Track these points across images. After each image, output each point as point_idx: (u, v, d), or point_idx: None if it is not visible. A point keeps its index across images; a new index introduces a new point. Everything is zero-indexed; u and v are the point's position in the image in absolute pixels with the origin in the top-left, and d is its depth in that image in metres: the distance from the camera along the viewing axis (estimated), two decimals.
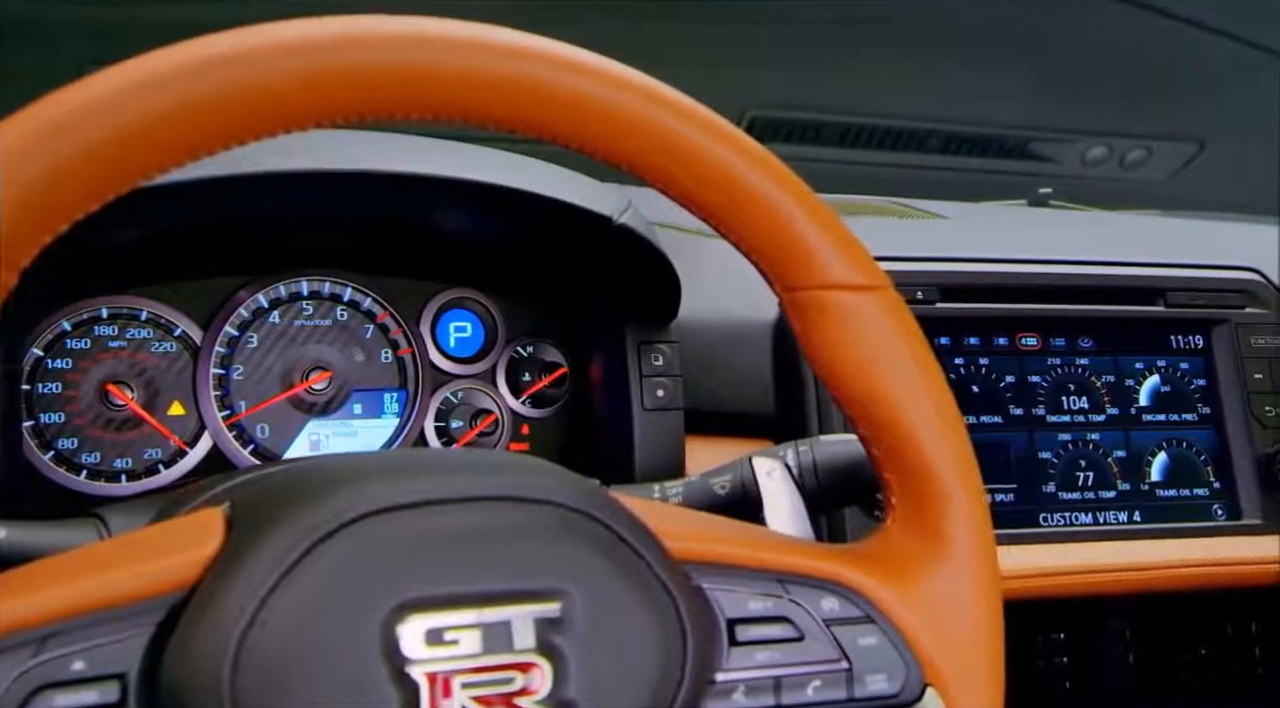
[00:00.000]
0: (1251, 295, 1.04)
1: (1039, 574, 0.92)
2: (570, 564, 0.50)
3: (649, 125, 0.54)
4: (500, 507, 0.50)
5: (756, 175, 0.57)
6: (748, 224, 0.57)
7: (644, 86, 0.55)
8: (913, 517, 0.60)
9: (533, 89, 0.51)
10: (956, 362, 0.96)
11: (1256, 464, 0.99)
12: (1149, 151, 2.09)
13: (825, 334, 0.58)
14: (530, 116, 0.52)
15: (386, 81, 0.48)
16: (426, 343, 0.99)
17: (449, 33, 0.49)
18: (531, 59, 0.51)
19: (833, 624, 0.57)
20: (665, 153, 0.55)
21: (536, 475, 0.53)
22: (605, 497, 0.54)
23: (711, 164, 0.56)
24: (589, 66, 0.53)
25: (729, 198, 0.57)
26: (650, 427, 0.91)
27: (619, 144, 0.55)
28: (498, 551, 0.49)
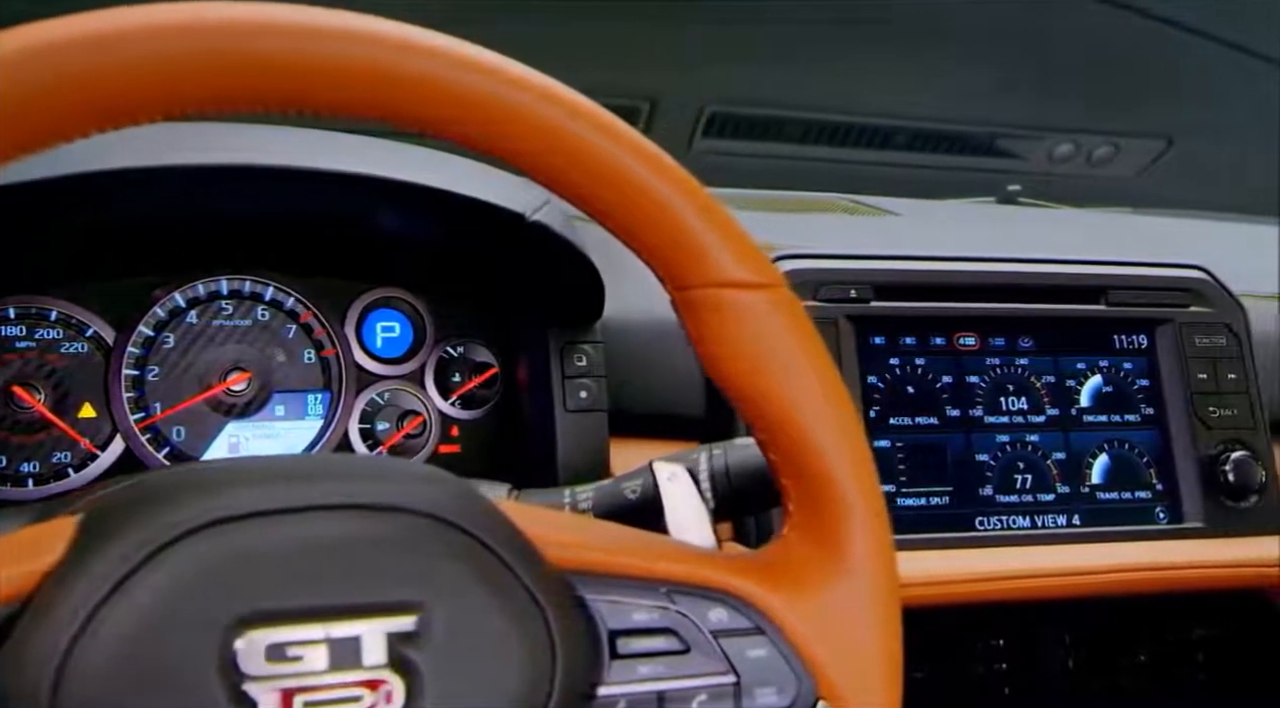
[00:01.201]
0: (1196, 294, 1.02)
1: (975, 579, 0.89)
2: (428, 576, 0.48)
3: (538, 121, 0.52)
4: (355, 516, 0.48)
5: (646, 172, 0.55)
6: (638, 222, 0.55)
7: (535, 82, 0.52)
8: (809, 524, 0.58)
9: (419, 83, 0.49)
10: (892, 362, 0.94)
11: (1199, 466, 0.97)
12: (1116, 148, 2.07)
13: (717, 334, 0.56)
14: (414, 111, 0.50)
15: (260, 71, 0.46)
16: (351, 343, 0.97)
17: (316, 22, 0.47)
18: (420, 54, 0.49)
19: (720, 636, 0.55)
20: (554, 149, 0.53)
21: (403, 483, 0.51)
22: (478, 504, 0.52)
23: (601, 161, 0.54)
24: (480, 63, 0.51)
25: (619, 195, 0.55)
26: (572, 429, 0.88)
27: (506, 139, 0.53)
28: (350, 562, 0.47)
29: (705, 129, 1.85)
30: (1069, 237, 1.51)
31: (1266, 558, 0.95)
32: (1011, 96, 1.97)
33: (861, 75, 1.86)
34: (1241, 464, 0.96)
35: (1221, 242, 1.68)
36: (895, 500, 0.91)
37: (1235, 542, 0.96)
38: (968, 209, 1.61)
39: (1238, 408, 1.00)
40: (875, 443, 0.92)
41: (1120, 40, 1.87)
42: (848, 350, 0.92)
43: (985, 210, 1.64)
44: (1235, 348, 1.01)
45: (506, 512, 0.55)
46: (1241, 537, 0.97)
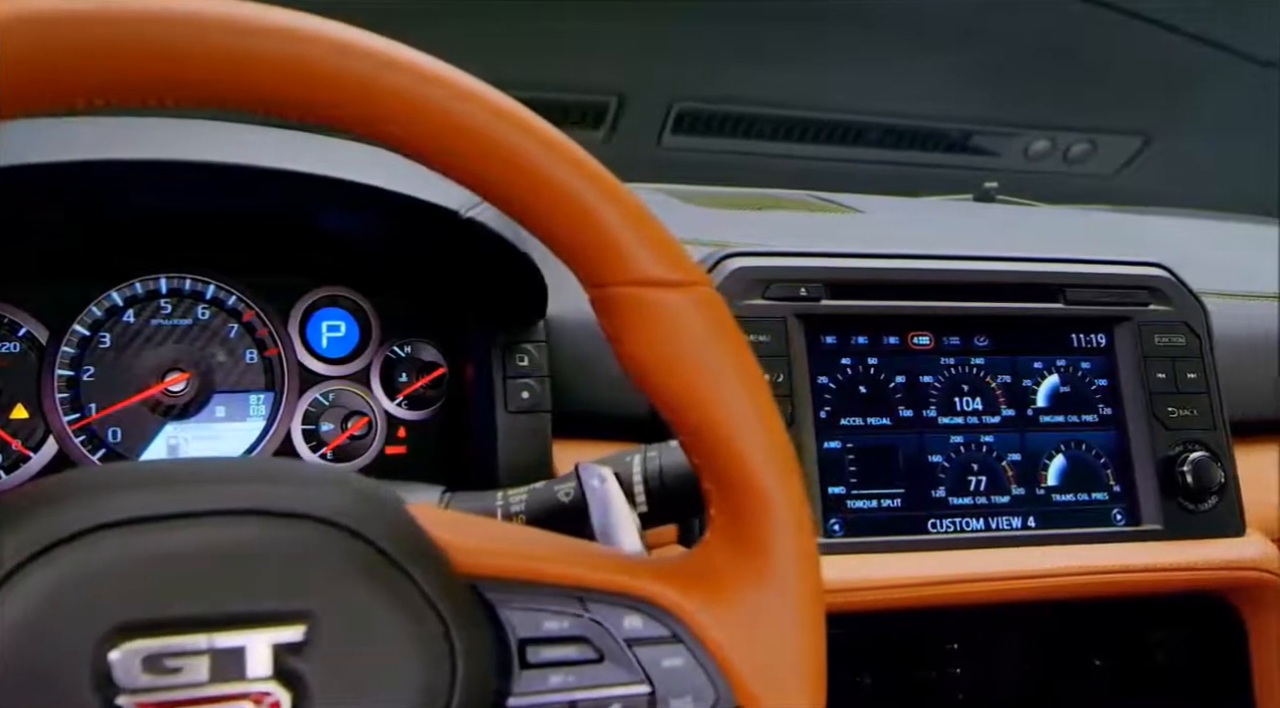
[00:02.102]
0: (1156, 292, 1.01)
1: (927, 583, 0.88)
2: (319, 584, 0.46)
3: (451, 117, 0.50)
4: (246, 521, 0.47)
5: (559, 166, 0.53)
6: (552, 218, 0.54)
7: (446, 77, 0.51)
8: (731, 529, 0.57)
9: (328, 75, 0.47)
10: (843, 361, 0.92)
11: (1157, 468, 0.96)
12: (1093, 146, 2.06)
13: (636, 334, 0.55)
14: (322, 103, 0.48)
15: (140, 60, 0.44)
16: (295, 342, 0.95)
17: (224, 12, 0.46)
18: (332, 47, 0.48)
19: (635, 644, 0.53)
20: (468, 146, 0.51)
21: (300, 487, 0.49)
22: (381, 510, 0.51)
23: (511, 155, 0.52)
24: (389, 56, 0.49)
25: (533, 192, 0.53)
26: (514, 430, 0.87)
27: (418, 136, 0.51)
28: (237, 569, 0.45)
29: (675, 126, 1.84)
30: (1039, 234, 1.50)
31: (1225, 560, 0.94)
32: (985, 93, 1.95)
33: (833, 71, 1.85)
34: (1200, 465, 0.95)
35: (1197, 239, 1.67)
36: (845, 502, 0.90)
37: (1193, 544, 0.95)
38: (936, 206, 1.59)
39: (1197, 408, 0.98)
40: (825, 444, 0.90)
41: (1095, 37, 1.85)
42: (797, 350, 0.90)
43: (956, 208, 1.62)
44: (1195, 347, 1.00)
45: (417, 517, 0.53)
46: (1200, 539, 0.95)
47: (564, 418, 0.91)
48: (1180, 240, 1.51)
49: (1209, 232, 1.72)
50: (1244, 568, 0.94)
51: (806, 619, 0.56)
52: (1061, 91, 1.97)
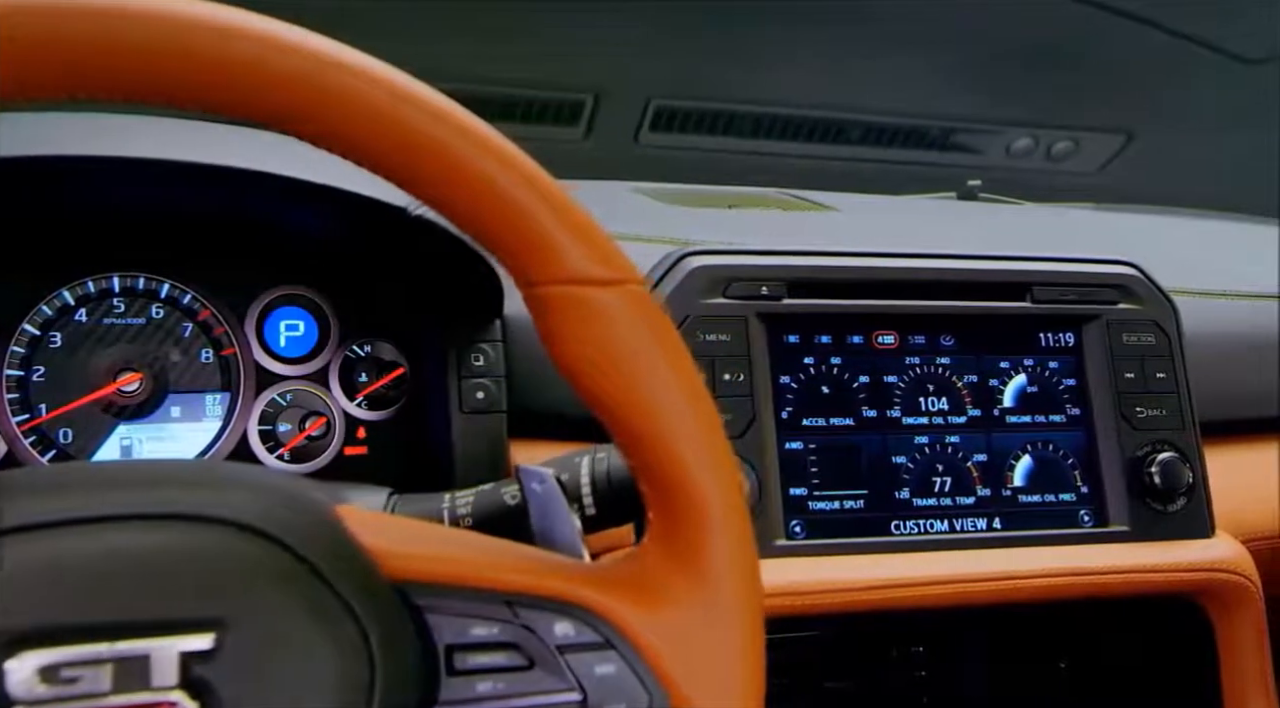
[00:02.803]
0: (1126, 291, 0.99)
1: (890, 585, 0.87)
2: (232, 591, 0.45)
3: (373, 109, 0.49)
4: (158, 526, 0.45)
5: (487, 163, 0.52)
6: (482, 215, 0.52)
7: (366, 68, 0.50)
8: (667, 533, 0.56)
9: (241, 67, 0.46)
10: (806, 361, 0.91)
11: (1125, 468, 0.95)
12: (1075, 143, 2.05)
13: (567, 333, 0.53)
14: (235, 96, 0.47)
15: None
16: (251, 342, 0.94)
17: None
18: (239, 37, 0.46)
19: (566, 651, 0.52)
20: (391, 142, 0.50)
21: (218, 491, 0.48)
22: (302, 514, 0.49)
23: (438, 150, 0.51)
24: (301, 46, 0.48)
25: (459, 188, 0.52)
26: (469, 430, 0.86)
27: (338, 128, 0.50)
28: (144, 576, 0.44)
29: (653, 123, 1.83)
30: (1016, 231, 1.49)
31: (1193, 562, 0.93)
32: (967, 90, 1.94)
33: (812, 69, 1.83)
34: (1168, 466, 0.94)
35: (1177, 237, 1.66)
36: (807, 504, 0.88)
37: (1161, 546, 0.94)
38: (914, 204, 1.58)
39: (1166, 408, 0.97)
40: (787, 445, 0.89)
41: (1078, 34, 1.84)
42: (758, 349, 0.89)
43: (934, 206, 1.61)
44: (1164, 346, 0.99)
45: (347, 522, 0.52)
46: (1168, 541, 0.94)
47: (523, 418, 0.90)
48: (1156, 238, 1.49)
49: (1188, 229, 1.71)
50: (1212, 570, 0.93)
51: (744, 624, 0.55)
52: (1044, 89, 1.96)
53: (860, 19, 1.76)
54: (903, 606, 0.87)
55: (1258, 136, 2.03)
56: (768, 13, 1.68)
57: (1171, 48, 1.91)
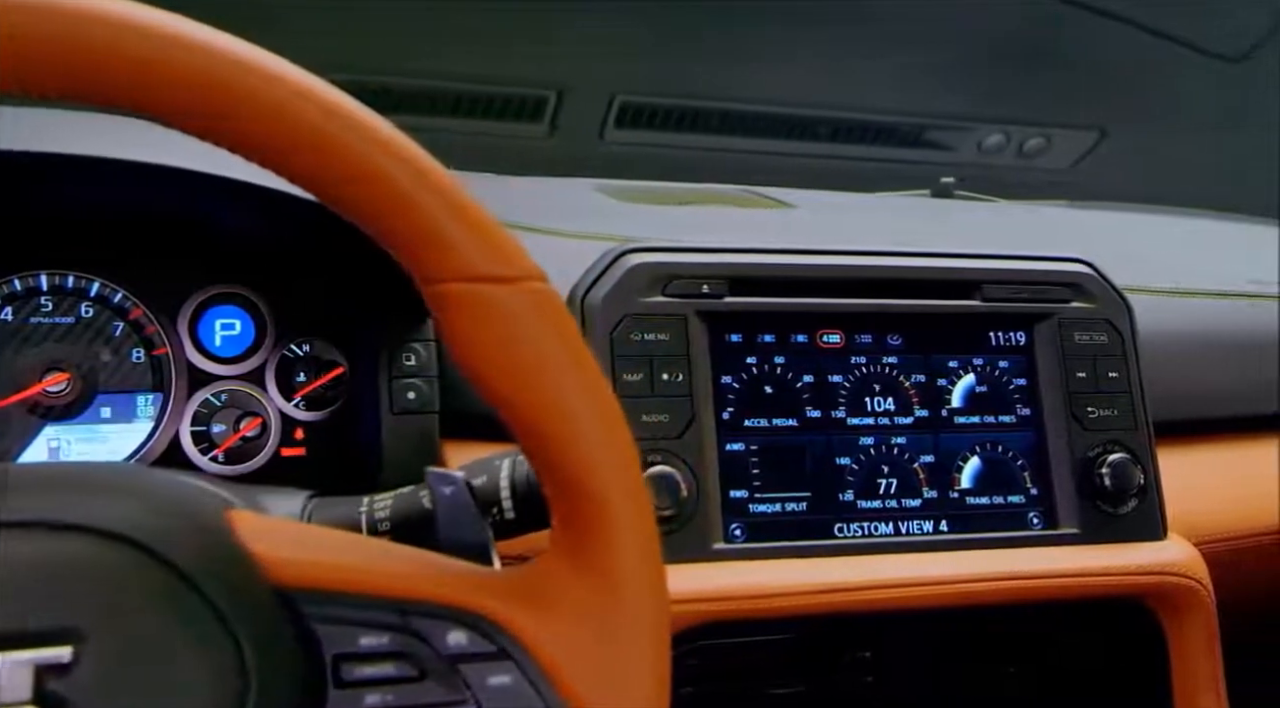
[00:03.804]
0: (1078, 289, 0.98)
1: (833, 589, 0.85)
2: (93, 602, 0.43)
3: (262, 106, 0.47)
4: (20, 535, 0.44)
5: (379, 156, 0.50)
6: (378, 212, 0.51)
7: (258, 63, 0.48)
8: (570, 538, 0.54)
9: (133, 62, 0.45)
10: (748, 360, 0.89)
11: (1076, 469, 0.93)
12: (1048, 140, 2.03)
13: (466, 331, 0.52)
14: (129, 91, 0.46)
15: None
16: (184, 341, 0.92)
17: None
18: (134, 30, 0.45)
19: (460, 661, 0.51)
20: (283, 138, 0.48)
21: (88, 497, 0.47)
22: (175, 521, 0.48)
23: (325, 143, 0.49)
24: (196, 42, 0.46)
25: (355, 185, 0.50)
26: (399, 431, 0.84)
27: (228, 126, 0.48)
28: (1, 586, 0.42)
29: (618, 120, 1.81)
30: (982, 229, 1.47)
31: (1143, 565, 0.91)
32: (938, 87, 1.92)
33: (780, 65, 1.81)
34: (1119, 467, 0.92)
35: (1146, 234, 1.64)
36: (748, 507, 0.87)
37: (1112, 548, 0.92)
38: (881, 202, 1.56)
39: (1118, 408, 0.95)
40: (727, 446, 0.87)
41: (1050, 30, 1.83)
42: (699, 349, 0.87)
43: (902, 203, 1.60)
44: (1117, 345, 0.97)
45: (237, 527, 0.51)
46: (1119, 543, 0.92)
47: (460, 418, 0.88)
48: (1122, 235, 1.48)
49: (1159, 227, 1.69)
50: (1163, 573, 0.91)
51: (647, 632, 0.53)
52: (1015, 85, 1.95)
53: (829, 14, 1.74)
54: (845, 610, 0.85)
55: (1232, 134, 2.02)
56: (735, 8, 1.67)
57: (1145, 44, 1.89)
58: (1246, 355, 1.15)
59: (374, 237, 0.51)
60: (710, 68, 1.81)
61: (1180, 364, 1.11)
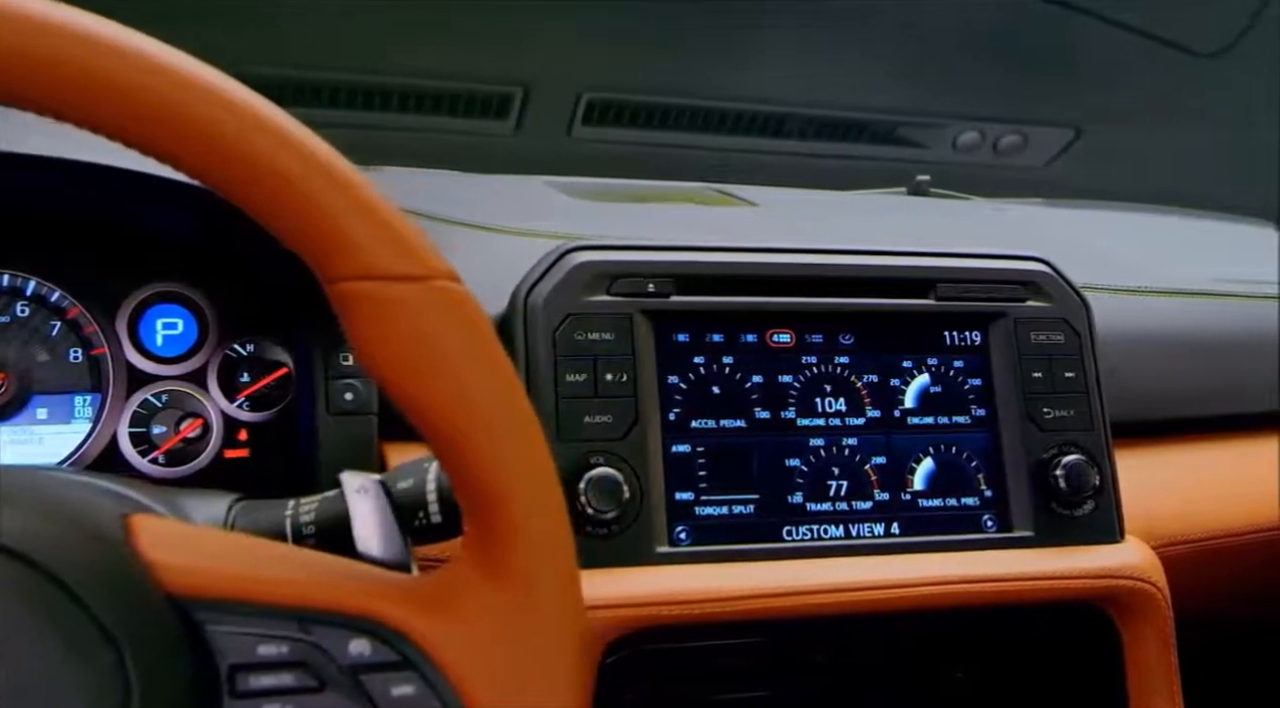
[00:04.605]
0: (1035, 288, 0.96)
1: (780, 594, 0.83)
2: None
3: (150, 96, 0.46)
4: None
5: (277, 151, 0.48)
6: (277, 208, 0.49)
7: (141, 50, 0.46)
8: (480, 544, 0.52)
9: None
10: (695, 360, 0.88)
11: (1031, 471, 0.92)
12: (1023, 138, 2.02)
13: (369, 331, 0.50)
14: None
15: None
16: (123, 341, 0.90)
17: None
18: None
19: (362, 671, 0.49)
20: (178, 130, 0.47)
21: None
22: (68, 528, 0.46)
23: (230, 140, 0.48)
24: (84, 33, 0.45)
25: (253, 178, 0.48)
26: (335, 433, 0.82)
27: (114, 116, 0.46)
28: None
29: (585, 117, 1.79)
30: (952, 227, 1.46)
31: (1097, 569, 0.90)
32: (910, 83, 1.91)
33: (750, 60, 1.80)
34: (1074, 468, 0.91)
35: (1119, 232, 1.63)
36: (694, 509, 0.85)
37: (1066, 551, 0.90)
38: (847, 200, 1.55)
39: (1074, 409, 0.94)
40: (674, 448, 0.86)
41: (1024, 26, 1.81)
42: (644, 348, 0.86)
43: (871, 202, 1.58)
44: (1074, 345, 0.96)
45: (136, 533, 0.49)
46: (1074, 546, 0.91)
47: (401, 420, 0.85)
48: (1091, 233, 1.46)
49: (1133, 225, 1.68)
50: (1117, 576, 0.90)
51: (558, 640, 0.52)
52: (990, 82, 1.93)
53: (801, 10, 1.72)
54: (793, 615, 0.84)
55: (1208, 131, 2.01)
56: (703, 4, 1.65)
57: (1120, 41, 1.88)
58: (1211, 355, 1.13)
59: (274, 234, 0.50)
60: (680, 64, 1.79)
61: (1144, 364, 1.09)
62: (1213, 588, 1.02)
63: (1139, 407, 1.05)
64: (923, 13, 1.78)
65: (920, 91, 1.93)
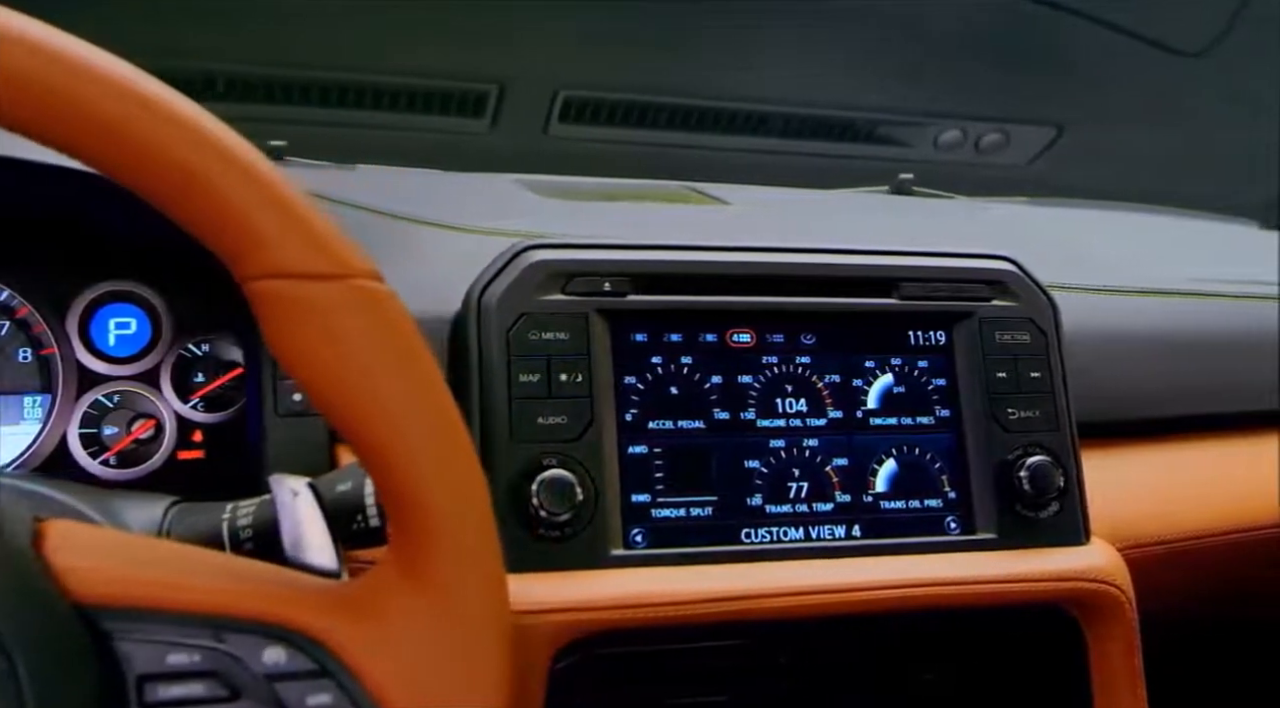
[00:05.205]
0: (1000, 287, 0.95)
1: (737, 597, 0.82)
2: None
3: (53, 89, 0.45)
4: None
5: (192, 147, 0.47)
6: (189, 204, 0.48)
7: (48, 46, 0.45)
8: (403, 550, 0.51)
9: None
10: (653, 360, 0.86)
11: (995, 472, 0.90)
12: (1005, 136, 2.00)
13: (285, 332, 0.49)
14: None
15: None
16: (74, 340, 0.89)
17: None
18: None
19: (277, 680, 0.48)
20: (83, 124, 0.46)
21: None
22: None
23: (139, 134, 0.46)
24: None
25: (162, 172, 0.47)
26: (284, 435, 0.81)
27: (18, 109, 0.45)
28: None
29: (562, 114, 1.78)
30: (928, 226, 1.45)
31: (1061, 571, 0.89)
32: (893, 81, 1.89)
33: (728, 58, 1.78)
34: (1038, 469, 0.89)
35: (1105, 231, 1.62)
36: (650, 512, 0.84)
37: (1030, 554, 0.89)
38: (824, 199, 1.53)
39: (1040, 409, 0.93)
40: (630, 449, 0.84)
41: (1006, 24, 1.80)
42: (600, 349, 0.84)
43: (851, 201, 1.57)
44: (1040, 345, 0.94)
45: (47, 538, 0.48)
46: (1038, 548, 0.90)
47: None
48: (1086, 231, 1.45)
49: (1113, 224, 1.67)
50: (1082, 579, 0.89)
51: (481, 647, 0.50)
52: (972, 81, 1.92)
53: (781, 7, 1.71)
54: (752, 618, 0.83)
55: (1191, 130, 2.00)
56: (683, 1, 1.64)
57: (1102, 40, 1.87)
58: (1185, 355, 1.12)
59: (188, 231, 0.49)
60: (659, 62, 1.77)
61: (1116, 363, 1.08)
62: (1182, 589, 1.01)
63: (1111, 407, 1.04)
64: (903, 11, 1.77)
65: (901, 90, 1.92)
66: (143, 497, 0.69)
